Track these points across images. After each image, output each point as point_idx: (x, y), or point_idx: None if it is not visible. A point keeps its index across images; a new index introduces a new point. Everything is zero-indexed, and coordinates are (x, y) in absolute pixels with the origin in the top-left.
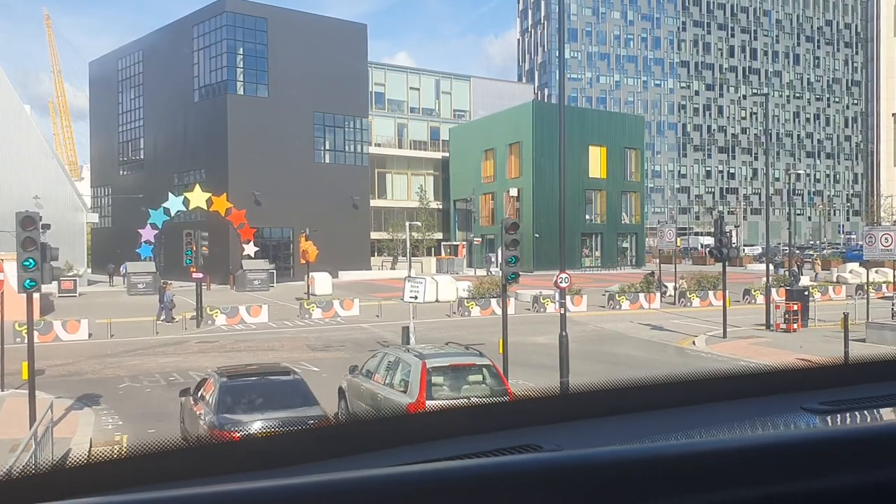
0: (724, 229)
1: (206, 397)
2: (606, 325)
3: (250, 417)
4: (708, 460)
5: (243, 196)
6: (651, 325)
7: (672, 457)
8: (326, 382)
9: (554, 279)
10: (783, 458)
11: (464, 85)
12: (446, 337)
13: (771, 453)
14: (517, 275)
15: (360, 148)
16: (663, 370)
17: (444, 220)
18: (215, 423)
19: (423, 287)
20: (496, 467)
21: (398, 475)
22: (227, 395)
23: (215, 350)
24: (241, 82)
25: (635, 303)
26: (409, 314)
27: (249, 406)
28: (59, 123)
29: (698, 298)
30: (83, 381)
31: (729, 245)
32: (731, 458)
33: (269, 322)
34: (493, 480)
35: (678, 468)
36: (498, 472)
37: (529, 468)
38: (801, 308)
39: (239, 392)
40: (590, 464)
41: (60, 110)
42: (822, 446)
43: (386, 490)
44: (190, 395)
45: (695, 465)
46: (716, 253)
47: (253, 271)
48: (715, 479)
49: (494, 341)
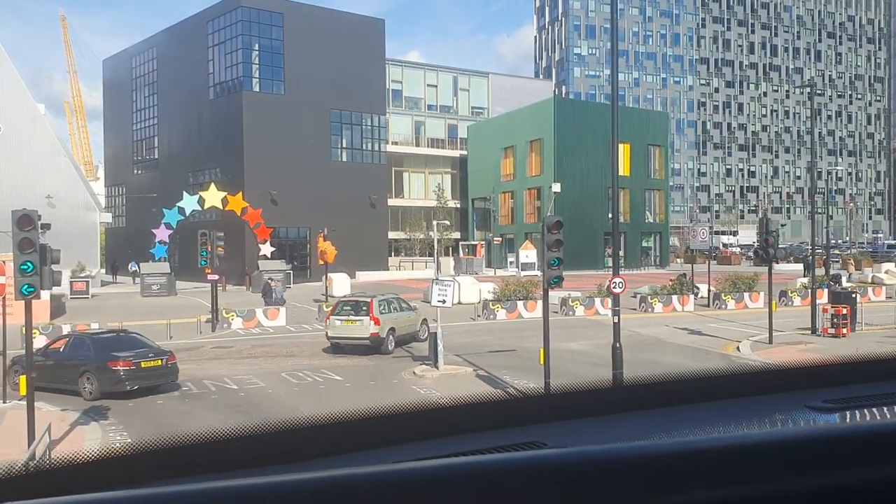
0: (770, 228)
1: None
2: (641, 329)
3: (120, 354)
4: (712, 457)
5: (259, 195)
6: (688, 329)
7: (677, 453)
8: (351, 395)
9: (607, 283)
10: (787, 456)
11: (482, 82)
12: (473, 344)
13: (774, 450)
14: (561, 278)
15: (378, 146)
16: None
17: (462, 219)
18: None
19: (451, 290)
20: (501, 464)
21: (403, 471)
22: (101, 343)
23: (231, 356)
24: (256, 79)
25: (668, 305)
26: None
27: (114, 348)
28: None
29: (733, 301)
30: None
31: (776, 245)
32: (736, 455)
33: (286, 325)
34: (499, 477)
35: (683, 465)
36: (503, 468)
37: (535, 465)
38: (850, 311)
39: (106, 342)
40: (594, 461)
41: (76, 110)
42: (825, 444)
43: (391, 486)
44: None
45: (699, 461)
46: (761, 253)
47: (269, 272)
48: (719, 476)
49: (526, 347)
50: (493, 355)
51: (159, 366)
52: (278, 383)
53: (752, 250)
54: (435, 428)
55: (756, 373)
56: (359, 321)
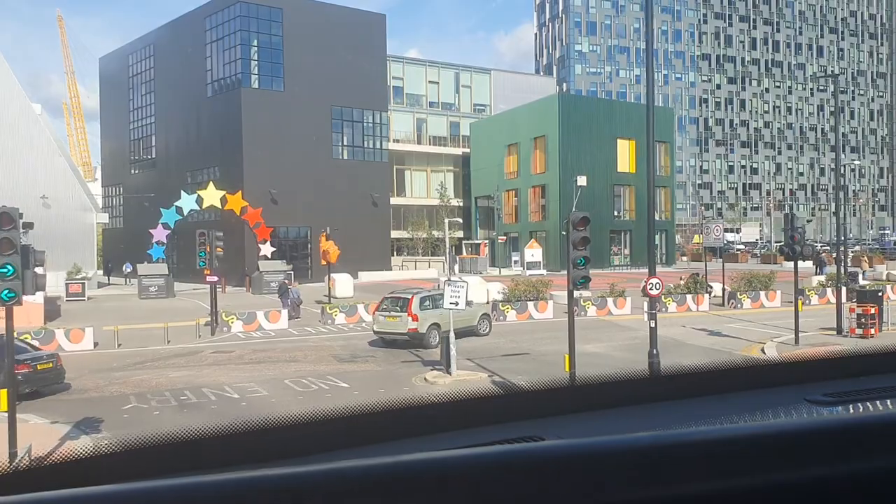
0: (797, 224)
1: None
2: (658, 330)
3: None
4: (710, 449)
5: (259, 194)
6: (707, 329)
7: (674, 445)
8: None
9: (642, 285)
10: (786, 448)
11: (484, 78)
12: (484, 347)
13: (773, 443)
14: (588, 278)
15: (380, 143)
16: None
17: (465, 217)
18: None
19: (464, 291)
20: (498, 456)
21: (401, 464)
22: None
23: (231, 362)
24: (255, 75)
25: (682, 305)
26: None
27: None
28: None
29: (749, 300)
30: (83, 400)
31: (802, 242)
32: (734, 447)
33: (289, 328)
34: (496, 469)
35: (681, 456)
36: (500, 460)
37: (532, 457)
38: (878, 311)
39: None
40: (592, 452)
41: (74, 112)
42: (824, 436)
43: (389, 479)
44: None
45: (697, 453)
46: (787, 251)
47: (270, 273)
48: (717, 468)
49: (540, 351)
50: (506, 359)
51: (51, 368)
52: (282, 391)
53: (777, 248)
54: (431, 423)
55: (755, 366)
56: (399, 317)
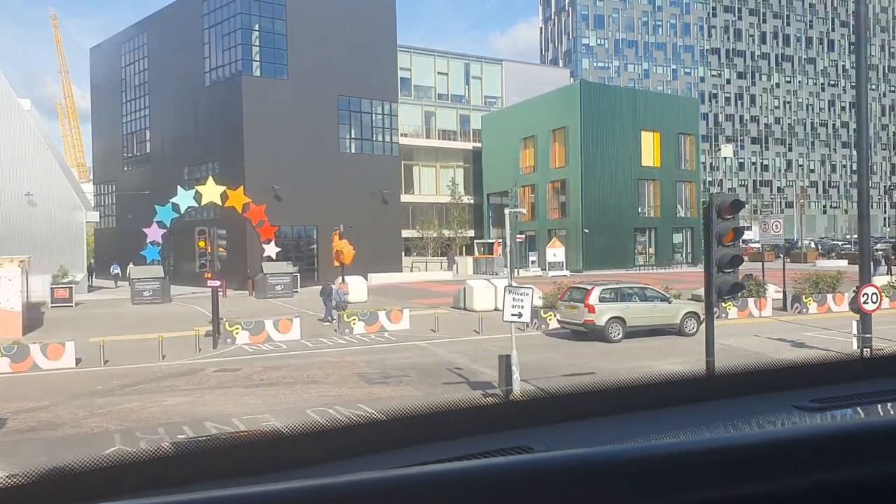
0: None
1: None
2: (729, 340)
3: None
4: (698, 459)
5: (261, 190)
6: (784, 339)
7: (662, 456)
8: None
9: (850, 297)
10: (773, 456)
11: (495, 69)
12: (537, 363)
13: (760, 451)
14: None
15: (390, 136)
16: None
17: (477, 215)
18: None
19: (529, 300)
20: (486, 469)
21: (388, 478)
22: None
23: (238, 384)
24: (257, 62)
25: (743, 310)
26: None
27: None
28: (68, 125)
29: (815, 303)
30: (56, 439)
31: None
32: (722, 457)
33: (301, 339)
34: (483, 482)
35: (668, 467)
36: (488, 473)
37: (520, 469)
38: None
39: None
40: (580, 464)
41: (68, 112)
42: (812, 444)
43: (375, 493)
44: None
45: (685, 463)
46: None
47: (274, 275)
48: (705, 478)
49: (607, 369)
50: (569, 380)
51: None
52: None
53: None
54: (418, 435)
55: (743, 373)
56: (577, 307)
